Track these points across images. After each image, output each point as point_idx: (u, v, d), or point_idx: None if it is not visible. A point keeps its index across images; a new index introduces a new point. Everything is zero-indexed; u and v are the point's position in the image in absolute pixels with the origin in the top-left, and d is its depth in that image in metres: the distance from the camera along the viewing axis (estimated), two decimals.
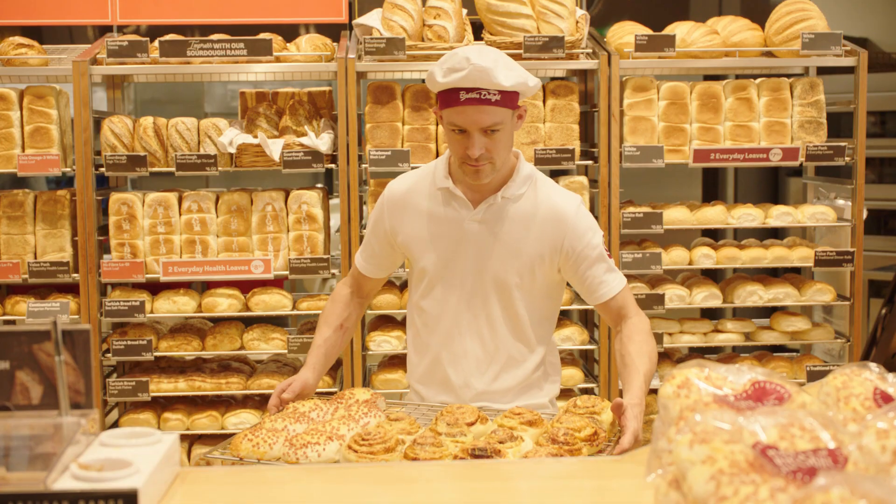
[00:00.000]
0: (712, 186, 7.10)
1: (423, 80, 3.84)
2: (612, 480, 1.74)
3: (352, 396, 2.77)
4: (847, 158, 4.53)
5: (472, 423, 2.45)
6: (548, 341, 3.11)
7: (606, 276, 2.96)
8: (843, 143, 4.52)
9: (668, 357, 4.80)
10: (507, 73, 2.73)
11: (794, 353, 5.12)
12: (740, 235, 5.44)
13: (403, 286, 4.68)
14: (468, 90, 2.73)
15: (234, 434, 2.58)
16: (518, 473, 1.81)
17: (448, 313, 3.00)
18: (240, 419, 4.44)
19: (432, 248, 2.97)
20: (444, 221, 2.94)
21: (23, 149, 4.40)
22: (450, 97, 2.77)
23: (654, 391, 3.15)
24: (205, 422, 4.47)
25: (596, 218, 4.56)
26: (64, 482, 1.51)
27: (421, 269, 3.01)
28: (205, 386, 4.49)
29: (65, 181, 6.58)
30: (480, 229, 2.92)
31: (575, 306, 4.70)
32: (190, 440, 4.60)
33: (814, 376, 4.56)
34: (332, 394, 4.43)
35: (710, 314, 5.09)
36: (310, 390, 2.97)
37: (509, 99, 2.76)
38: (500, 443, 2.23)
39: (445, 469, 1.82)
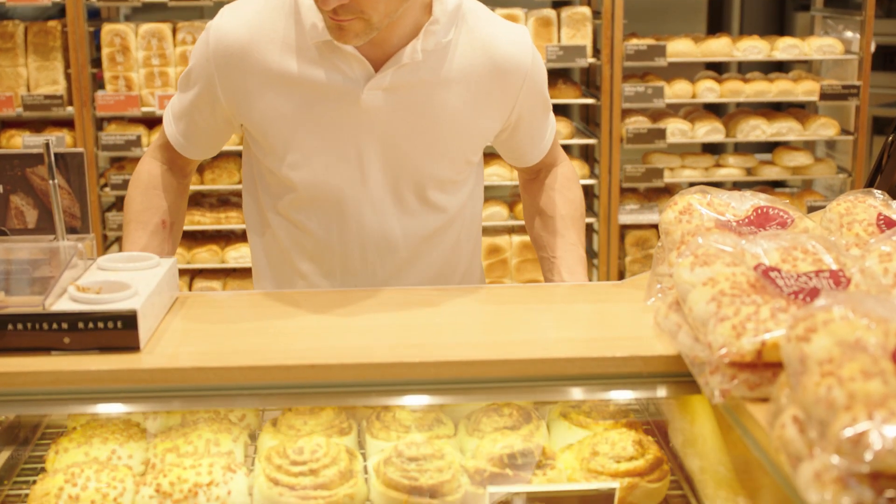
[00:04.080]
0: (717, 20, 6.96)
1: None
2: (611, 304, 1.74)
3: None
4: None
5: None
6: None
7: (548, 124, 2.16)
8: None
9: (668, 192, 4.79)
10: None
11: (796, 189, 5.11)
12: (744, 69, 5.35)
13: None
14: None
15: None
16: (516, 297, 1.81)
17: (341, 238, 2.02)
18: (239, 253, 4.46)
19: (307, 136, 1.92)
20: (325, 93, 1.88)
21: None
22: None
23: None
24: (205, 255, 4.49)
25: (598, 51, 4.48)
26: (62, 304, 1.51)
27: (289, 165, 1.95)
28: (204, 220, 4.49)
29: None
30: (389, 103, 1.89)
31: (575, 141, 4.66)
32: (191, 274, 4.62)
33: (814, 211, 4.56)
34: None
35: (711, 149, 5.05)
36: None
37: None
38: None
39: (444, 294, 1.82)
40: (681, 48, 4.49)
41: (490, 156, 4.36)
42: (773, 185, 5.13)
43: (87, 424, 1.62)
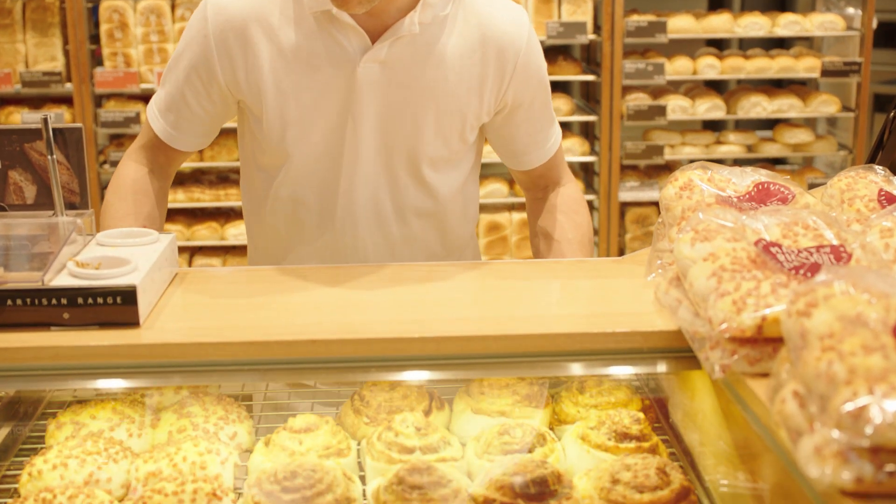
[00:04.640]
0: None
1: None
2: (611, 280, 1.74)
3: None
4: None
5: (428, 413, 1.64)
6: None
7: (552, 128, 2.12)
8: None
9: (668, 169, 4.78)
10: None
11: (796, 166, 5.11)
12: (745, 46, 5.33)
13: None
14: None
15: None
16: (516, 273, 1.81)
17: (333, 215, 2.01)
18: (239, 230, 4.45)
19: (305, 108, 1.91)
20: (322, 65, 1.87)
21: None
22: None
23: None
24: (204, 233, 4.48)
25: (598, 28, 4.46)
26: (61, 280, 1.50)
27: (286, 138, 1.95)
28: (203, 197, 4.48)
29: None
30: (385, 76, 1.88)
31: (575, 118, 4.65)
32: (190, 252, 4.62)
33: (814, 188, 4.55)
34: None
35: (712, 126, 5.04)
36: None
37: None
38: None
39: (444, 270, 1.82)
40: (682, 24, 4.48)
41: None
42: (773, 162, 5.12)
43: (64, 442, 1.52)
